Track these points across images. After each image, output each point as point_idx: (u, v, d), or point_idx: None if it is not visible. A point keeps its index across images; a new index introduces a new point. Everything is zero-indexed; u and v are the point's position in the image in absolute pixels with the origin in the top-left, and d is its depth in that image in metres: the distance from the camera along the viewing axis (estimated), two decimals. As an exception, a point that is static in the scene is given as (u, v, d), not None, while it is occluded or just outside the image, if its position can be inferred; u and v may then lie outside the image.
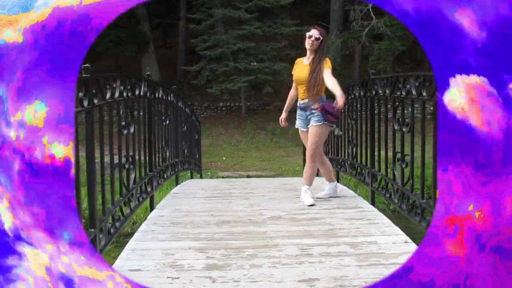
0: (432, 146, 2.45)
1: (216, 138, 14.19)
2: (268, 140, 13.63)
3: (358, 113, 4.16)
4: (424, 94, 2.55)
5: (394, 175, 3.15)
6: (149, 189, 3.58)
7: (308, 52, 3.69)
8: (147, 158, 3.63)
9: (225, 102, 15.54)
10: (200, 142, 7.85)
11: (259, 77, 13.73)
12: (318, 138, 3.66)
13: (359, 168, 4.11)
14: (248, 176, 9.29)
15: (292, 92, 3.93)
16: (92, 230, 2.29)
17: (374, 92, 3.53)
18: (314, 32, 3.61)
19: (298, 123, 3.83)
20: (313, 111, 3.64)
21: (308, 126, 3.72)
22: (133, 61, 16.15)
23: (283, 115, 4.07)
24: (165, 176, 4.30)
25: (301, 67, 3.72)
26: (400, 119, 2.95)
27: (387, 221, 3.17)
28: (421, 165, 2.64)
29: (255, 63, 13.64)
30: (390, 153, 3.41)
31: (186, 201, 4.00)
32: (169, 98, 4.44)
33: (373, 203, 3.70)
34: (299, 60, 3.83)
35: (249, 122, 14.75)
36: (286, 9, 15.12)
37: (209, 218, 3.36)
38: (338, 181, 5.05)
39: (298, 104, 3.79)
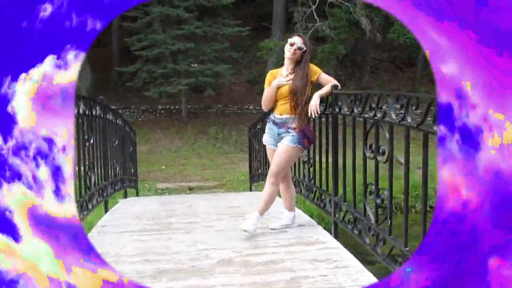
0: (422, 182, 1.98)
1: (154, 144, 13.34)
2: (210, 145, 12.99)
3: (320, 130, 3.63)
4: (409, 119, 2.07)
5: (364, 209, 2.67)
6: (66, 229, 2.87)
7: (287, 62, 3.23)
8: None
9: (164, 105, 14.69)
10: (135, 154, 7.09)
11: (200, 79, 13.05)
12: (287, 159, 3.21)
13: (318, 193, 3.61)
14: (190, 188, 8.64)
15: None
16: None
17: (337, 109, 3.04)
18: (297, 40, 3.16)
19: (266, 139, 3.35)
20: (290, 130, 3.17)
21: (278, 144, 3.23)
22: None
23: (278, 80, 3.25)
24: (90, 206, 3.58)
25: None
26: (374, 146, 2.47)
27: (355, 262, 2.68)
28: (405, 205, 2.17)
29: (196, 65, 12.93)
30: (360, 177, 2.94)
31: (116, 239, 3.31)
32: (93, 113, 3.72)
33: (336, 235, 3.21)
34: (274, 72, 3.35)
35: (190, 126, 14.03)
36: (228, 9, 14.55)
37: (143, 266, 2.71)
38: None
39: (271, 117, 3.30)
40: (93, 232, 3.53)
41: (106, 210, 4.49)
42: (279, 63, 15.71)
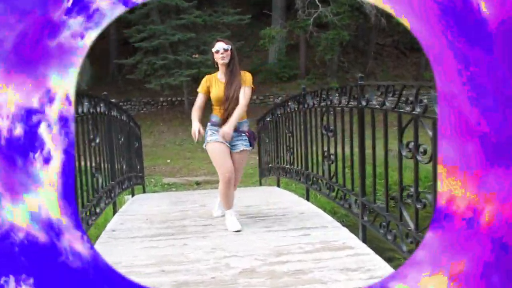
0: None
1: (158, 136, 13.11)
2: (214, 137, 12.74)
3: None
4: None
5: (400, 214, 2.44)
6: (74, 240, 2.65)
7: (221, 68, 3.36)
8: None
9: (166, 97, 14.43)
10: (141, 150, 6.87)
11: (202, 70, 12.75)
12: (245, 163, 3.55)
13: (340, 192, 3.39)
14: (197, 183, 8.43)
15: (198, 111, 3.47)
16: None
17: (364, 103, 2.80)
18: (219, 45, 3.29)
19: (217, 138, 3.35)
20: (242, 134, 3.40)
21: (235, 150, 3.39)
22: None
23: (197, 125, 3.36)
24: (98, 210, 3.37)
25: (219, 86, 3.35)
26: (412, 144, 2.23)
27: (390, 270, 2.47)
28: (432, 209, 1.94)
29: (197, 56, 12.64)
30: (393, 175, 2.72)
31: (127, 245, 3.10)
32: (97, 110, 3.49)
33: (364, 239, 2.99)
34: (210, 77, 3.42)
35: (193, 118, 13.76)
36: (227, -4, 14.23)
37: (159, 278, 2.50)
38: (308, 199, 4.38)
39: (220, 122, 3.39)
40: (102, 238, 3.31)
41: (115, 210, 4.28)
42: (281, 51, 15.42)
